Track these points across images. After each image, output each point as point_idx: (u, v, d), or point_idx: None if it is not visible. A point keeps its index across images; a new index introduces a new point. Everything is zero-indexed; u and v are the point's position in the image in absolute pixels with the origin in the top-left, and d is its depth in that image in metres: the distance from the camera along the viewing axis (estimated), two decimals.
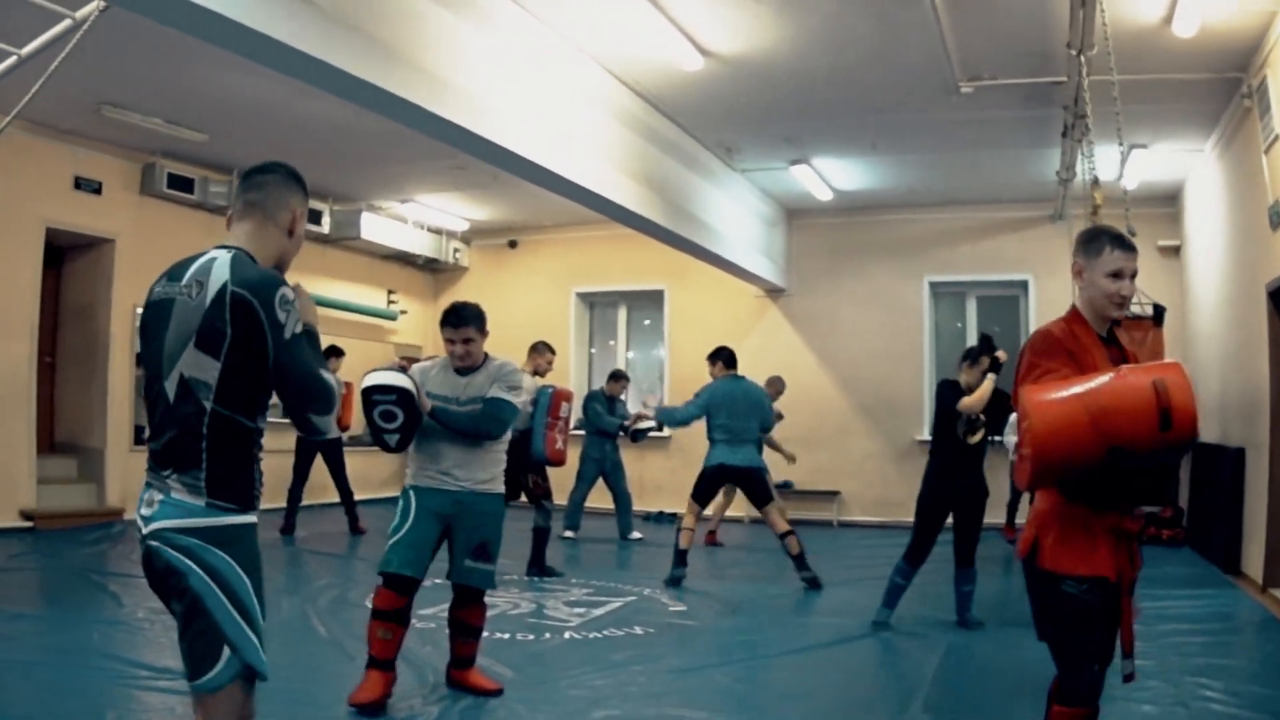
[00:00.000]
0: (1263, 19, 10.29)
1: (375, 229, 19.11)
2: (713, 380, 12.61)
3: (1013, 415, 7.00)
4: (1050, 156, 13.77)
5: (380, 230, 19.28)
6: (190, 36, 7.64)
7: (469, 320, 7.20)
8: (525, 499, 12.71)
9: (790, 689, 7.82)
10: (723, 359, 12.72)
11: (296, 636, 8.77)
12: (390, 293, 21.03)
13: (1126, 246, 4.69)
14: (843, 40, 11.11)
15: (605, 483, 16.11)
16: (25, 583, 11.25)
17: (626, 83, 12.45)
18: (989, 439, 9.61)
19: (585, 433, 16.21)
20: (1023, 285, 17.98)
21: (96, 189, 15.26)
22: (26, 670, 7.51)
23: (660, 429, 16.57)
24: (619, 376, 16.25)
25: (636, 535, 16.09)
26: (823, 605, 10.96)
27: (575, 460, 15.82)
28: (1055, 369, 4.42)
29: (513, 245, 21.90)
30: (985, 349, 9.61)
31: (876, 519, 18.01)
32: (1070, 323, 4.72)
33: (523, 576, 12.23)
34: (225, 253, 3.94)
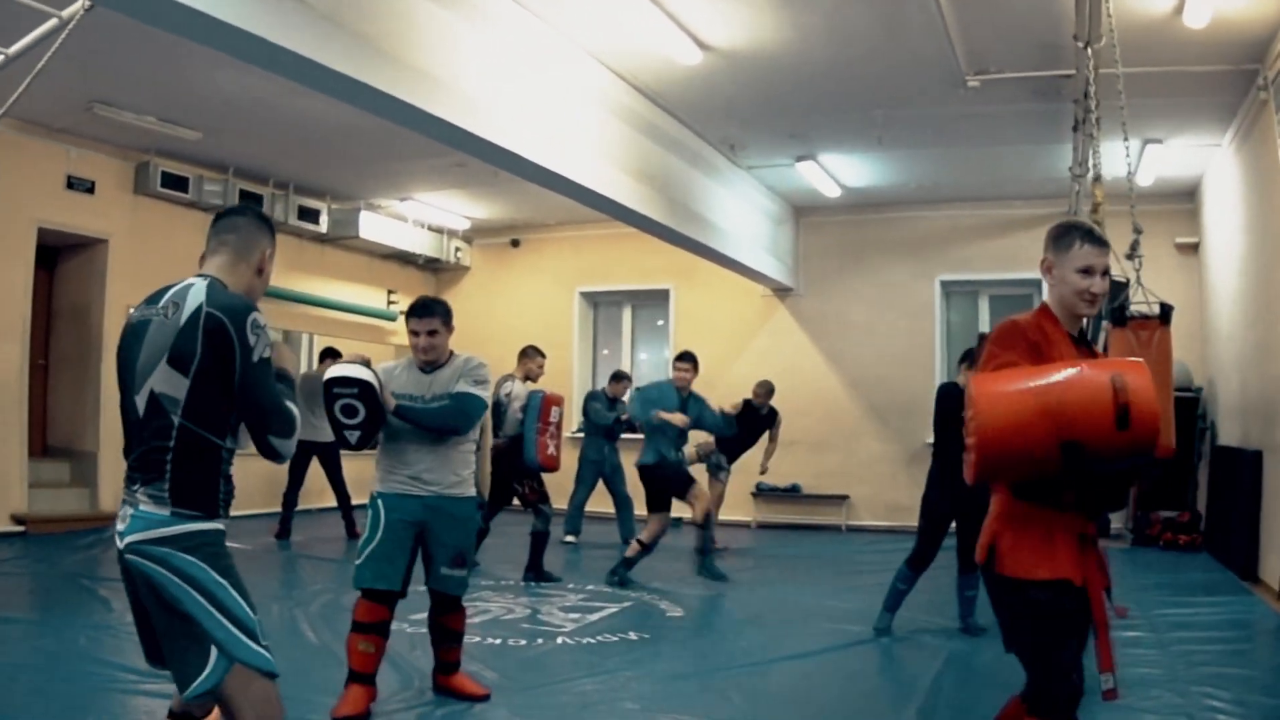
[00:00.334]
0: (1277, 8, 10.27)
1: (374, 228, 19.15)
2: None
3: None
4: (1063, 151, 13.70)
5: (379, 229, 19.32)
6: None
7: (435, 311, 7.11)
8: (520, 504, 12.78)
9: (784, 695, 7.83)
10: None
11: (287, 642, 8.80)
12: (390, 293, 21.01)
13: (1097, 241, 4.64)
14: (844, 33, 11.12)
15: (606, 486, 16.11)
16: (15, 587, 11.30)
17: (625, 78, 12.46)
18: None
19: (584, 435, 16.25)
20: (1037, 284, 17.56)
21: (89, 188, 15.31)
22: (13, 674, 7.56)
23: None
24: (621, 377, 16.24)
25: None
26: (827, 611, 10.94)
27: (574, 464, 15.88)
28: (1014, 361, 4.34)
29: (515, 244, 21.94)
30: None
31: (886, 523, 17.94)
32: (1039, 317, 4.64)
33: (519, 581, 12.25)
34: (202, 280, 4.18)
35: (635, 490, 16.66)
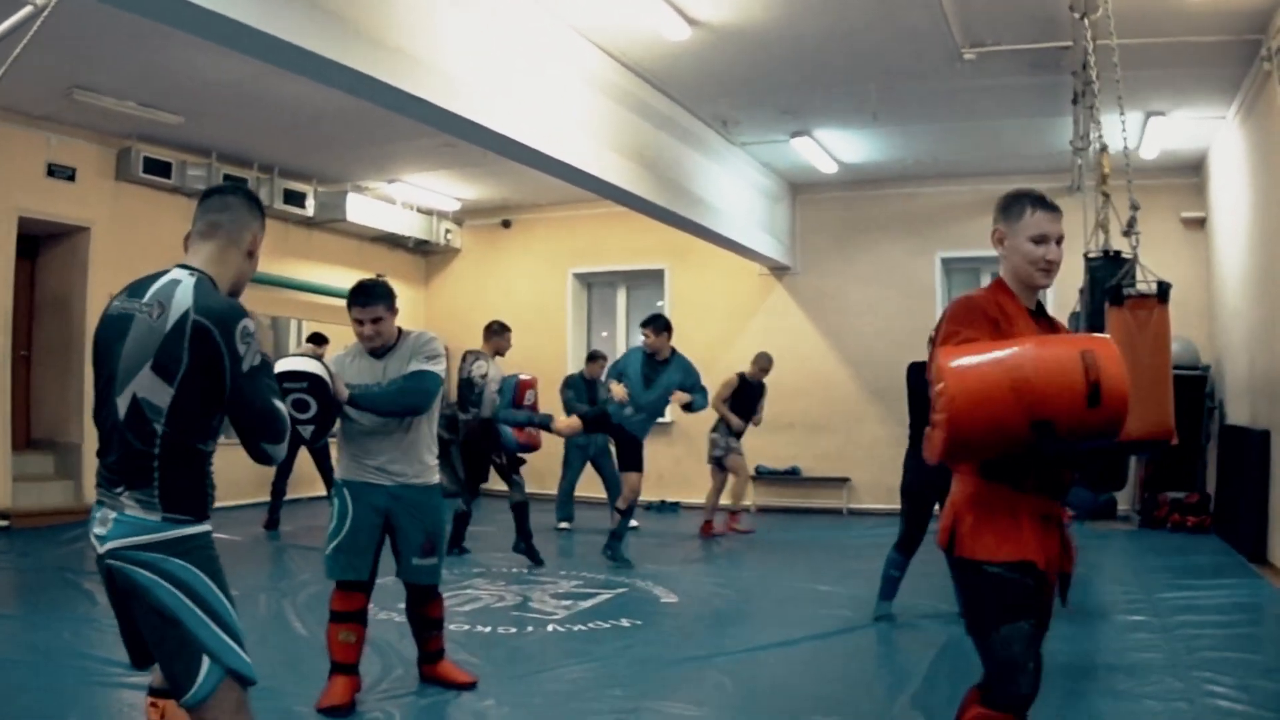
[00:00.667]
0: None
1: (362, 210, 19.15)
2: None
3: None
4: (1063, 125, 13.66)
5: (367, 212, 19.32)
6: None
7: (378, 298, 6.99)
8: (497, 474, 13.02)
9: (776, 682, 7.89)
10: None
11: (274, 633, 8.90)
12: (379, 276, 20.53)
13: (1049, 207, 4.59)
14: (836, 6, 11.10)
15: (594, 468, 16.21)
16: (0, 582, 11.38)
17: (613, 55, 12.47)
18: None
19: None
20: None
21: (70, 176, 15.29)
22: None
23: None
24: (596, 357, 16.26)
25: (632, 524, 16.02)
26: (824, 597, 11.00)
27: (560, 449, 15.94)
28: (975, 337, 4.25)
29: (506, 225, 21.93)
30: None
31: (888, 506, 17.65)
32: (995, 292, 4.59)
33: (510, 569, 12.25)
34: (189, 275, 4.13)
35: None
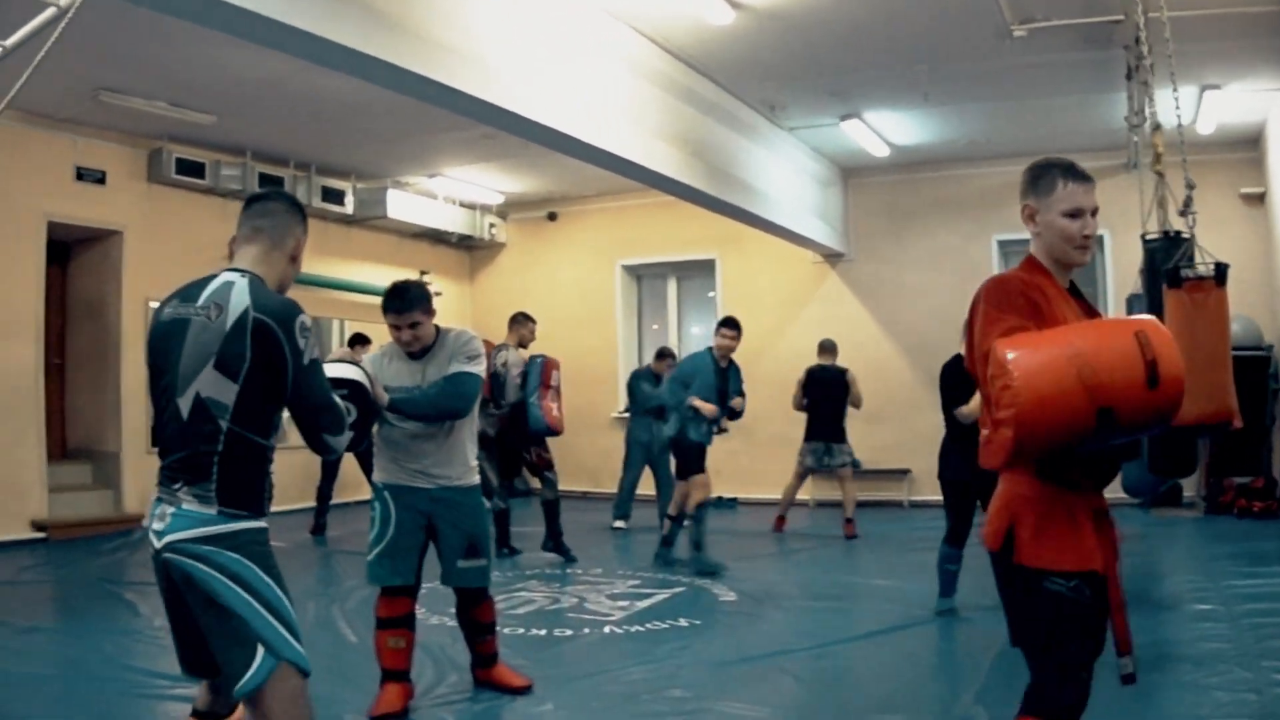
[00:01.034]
0: None
1: (402, 206, 19.22)
2: None
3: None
4: (1118, 101, 13.62)
5: (408, 207, 19.40)
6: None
7: (413, 303, 6.97)
8: (528, 471, 13.12)
9: (838, 680, 7.97)
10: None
11: (323, 640, 8.95)
12: (422, 273, 20.84)
13: (1081, 177, 4.34)
14: None
15: (649, 466, 16.17)
16: (37, 595, 11.44)
17: (656, 41, 12.50)
18: None
19: (631, 415, 16.38)
20: (1098, 241, 17.60)
21: (100, 179, 15.37)
22: (38, 684, 7.69)
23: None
24: (665, 354, 16.26)
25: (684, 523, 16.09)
26: (885, 592, 11.04)
27: (620, 446, 15.99)
28: (1021, 324, 4.08)
29: (552, 218, 21.99)
30: None
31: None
32: (1029, 272, 4.39)
33: (565, 570, 12.36)
34: (240, 277, 4.31)
35: None
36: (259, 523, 4.21)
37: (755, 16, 11.74)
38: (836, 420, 15.51)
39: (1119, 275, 17.07)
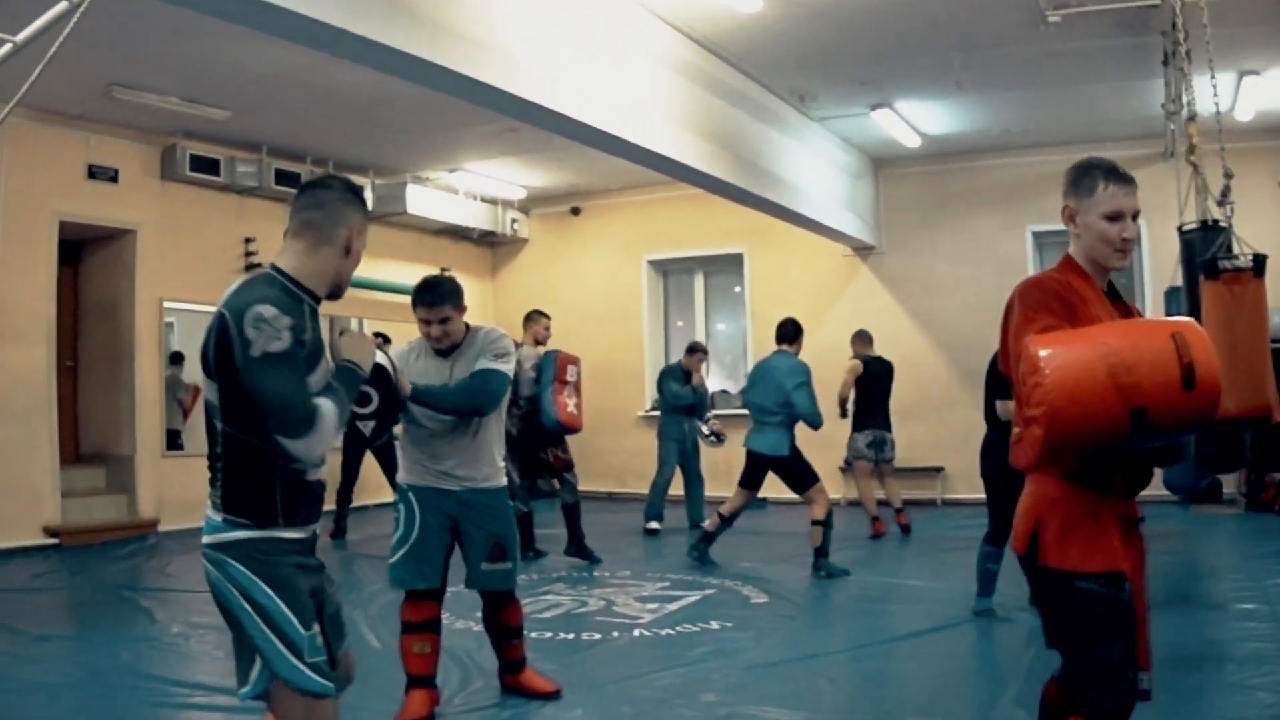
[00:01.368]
0: None
1: (423, 202, 19.27)
2: None
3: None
4: (1155, 88, 13.55)
5: (428, 203, 19.44)
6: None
7: (445, 297, 6.90)
8: (547, 473, 13.10)
9: (873, 683, 7.98)
10: (776, 333, 12.84)
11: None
12: (444, 270, 20.47)
13: (1123, 180, 4.36)
14: None
15: (680, 463, 16.19)
16: (51, 603, 11.48)
17: (682, 30, 12.52)
18: None
19: (662, 412, 16.34)
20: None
21: (113, 177, 15.44)
22: (53, 693, 7.73)
23: (723, 440, 16.69)
24: (696, 349, 16.30)
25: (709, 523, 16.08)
26: (919, 593, 11.06)
27: (647, 445, 16.00)
28: (1056, 324, 4.10)
29: (576, 212, 22.02)
30: None
31: (985, 497, 17.76)
32: (1065, 273, 4.41)
33: (593, 572, 12.41)
34: (263, 272, 4.28)
35: (721, 474, 16.93)
36: (265, 532, 4.14)
37: (784, 4, 11.78)
38: (888, 411, 15.64)
39: (1156, 266, 17.04)
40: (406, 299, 7.14)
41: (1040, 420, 3.88)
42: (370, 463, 15.57)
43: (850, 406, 15.36)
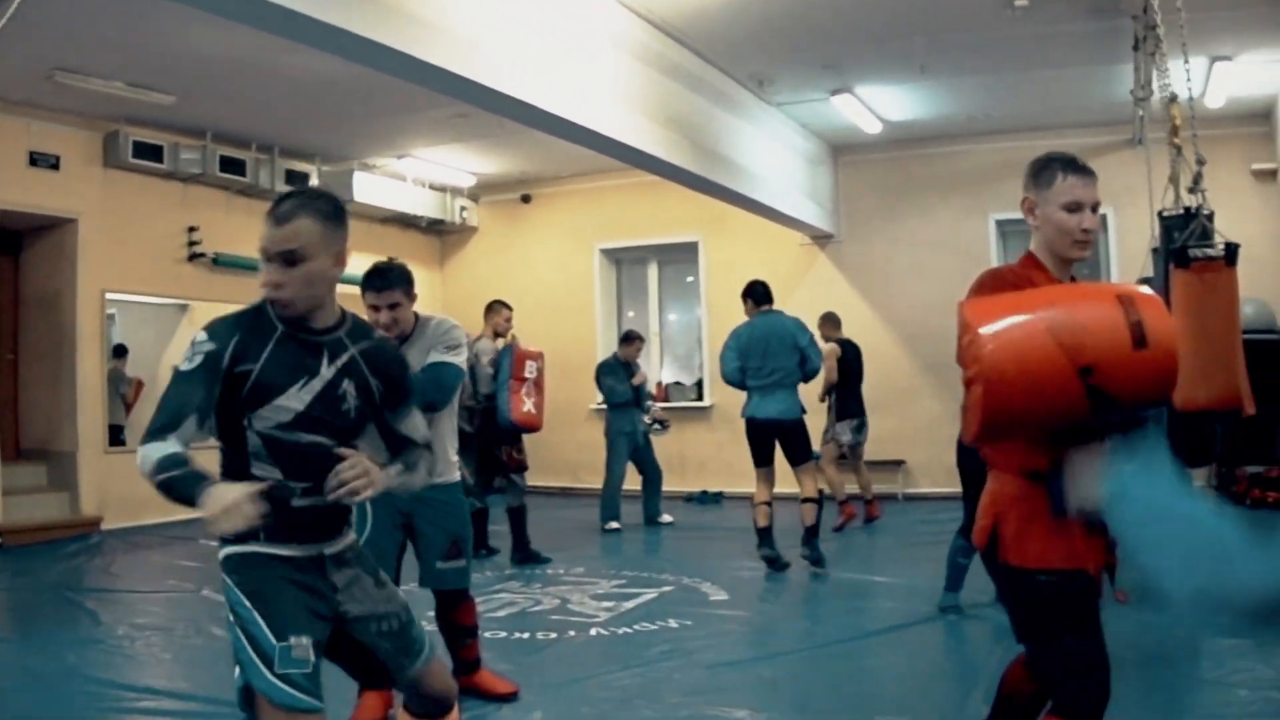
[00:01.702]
0: None
1: (370, 190, 19.19)
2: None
3: None
4: (1123, 73, 13.58)
5: (376, 191, 19.36)
6: None
7: (395, 282, 6.93)
8: (500, 472, 12.98)
9: (838, 681, 7.94)
10: (753, 296, 12.49)
11: None
12: (391, 260, 20.44)
13: (1083, 171, 4.46)
14: None
15: (633, 459, 16.09)
16: None
17: (638, 12, 12.45)
18: None
19: (609, 406, 16.27)
20: (1101, 219, 17.44)
21: (54, 164, 15.26)
22: None
23: (667, 427, 16.65)
24: (632, 338, 16.32)
25: (667, 519, 16.14)
26: (883, 588, 11.07)
27: (599, 439, 15.95)
28: None
29: (526, 200, 21.94)
30: None
31: (948, 490, 17.47)
32: (1026, 267, 4.50)
33: (544, 570, 12.37)
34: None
35: (675, 466, 16.90)
36: (245, 547, 4.21)
37: None
38: (862, 396, 15.78)
39: (1123, 254, 17.09)
40: (354, 289, 7.02)
41: (979, 379, 3.84)
42: None
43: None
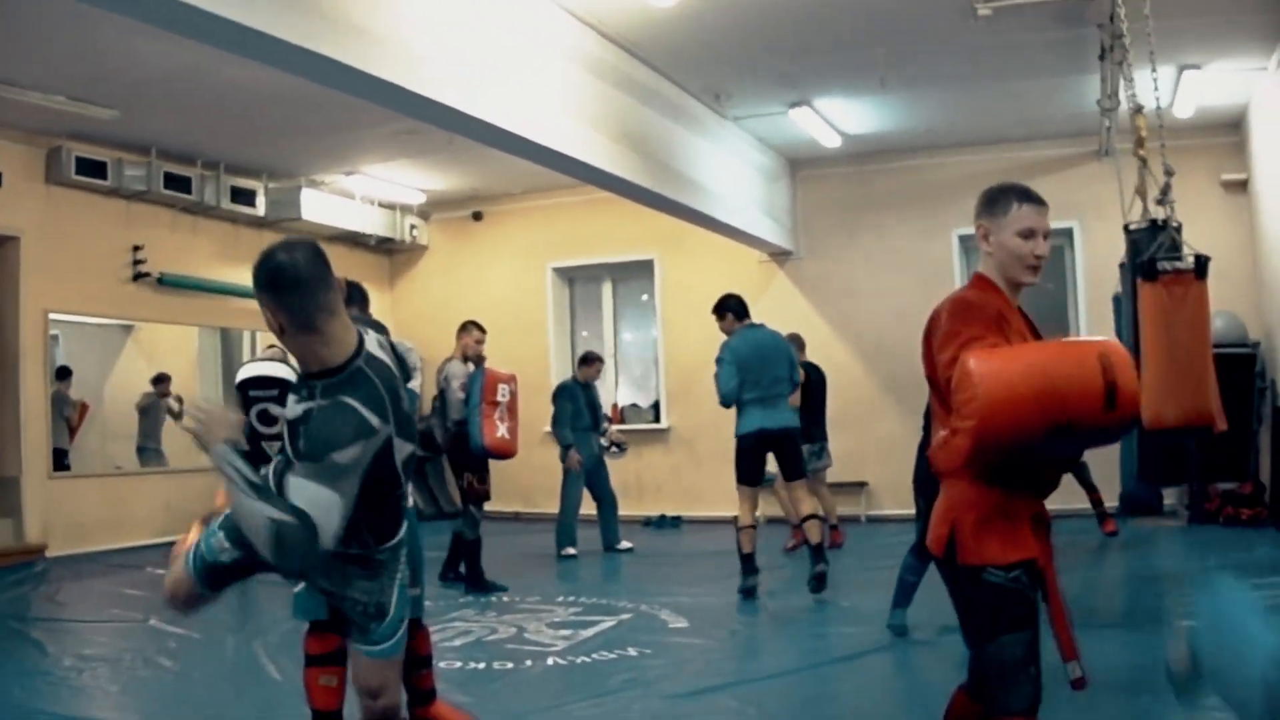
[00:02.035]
0: None
1: (317, 207, 19.12)
2: (729, 337, 12.19)
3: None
4: (1089, 83, 13.69)
5: (323, 209, 19.29)
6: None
7: (352, 299, 6.94)
8: (458, 498, 12.79)
9: (801, 709, 7.94)
10: (731, 309, 12.27)
11: (247, 680, 8.87)
12: (346, 280, 20.45)
13: (1036, 201, 4.75)
14: None
15: (587, 485, 15.98)
16: None
17: (591, 25, 12.44)
18: None
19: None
20: (1067, 234, 17.73)
21: None
22: None
23: (625, 450, 16.59)
24: (591, 359, 16.27)
25: (625, 545, 16.04)
26: (844, 613, 11.04)
27: (555, 464, 15.88)
28: (983, 336, 4.44)
29: (477, 218, 21.93)
30: None
31: (911, 511, 17.53)
32: (984, 290, 4.79)
33: (501, 598, 12.25)
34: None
35: (631, 491, 16.83)
36: None
37: None
38: (824, 421, 15.63)
39: (1089, 268, 17.17)
40: None
41: (969, 433, 4.22)
42: None
43: None
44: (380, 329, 4.86)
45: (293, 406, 4.54)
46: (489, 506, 13.03)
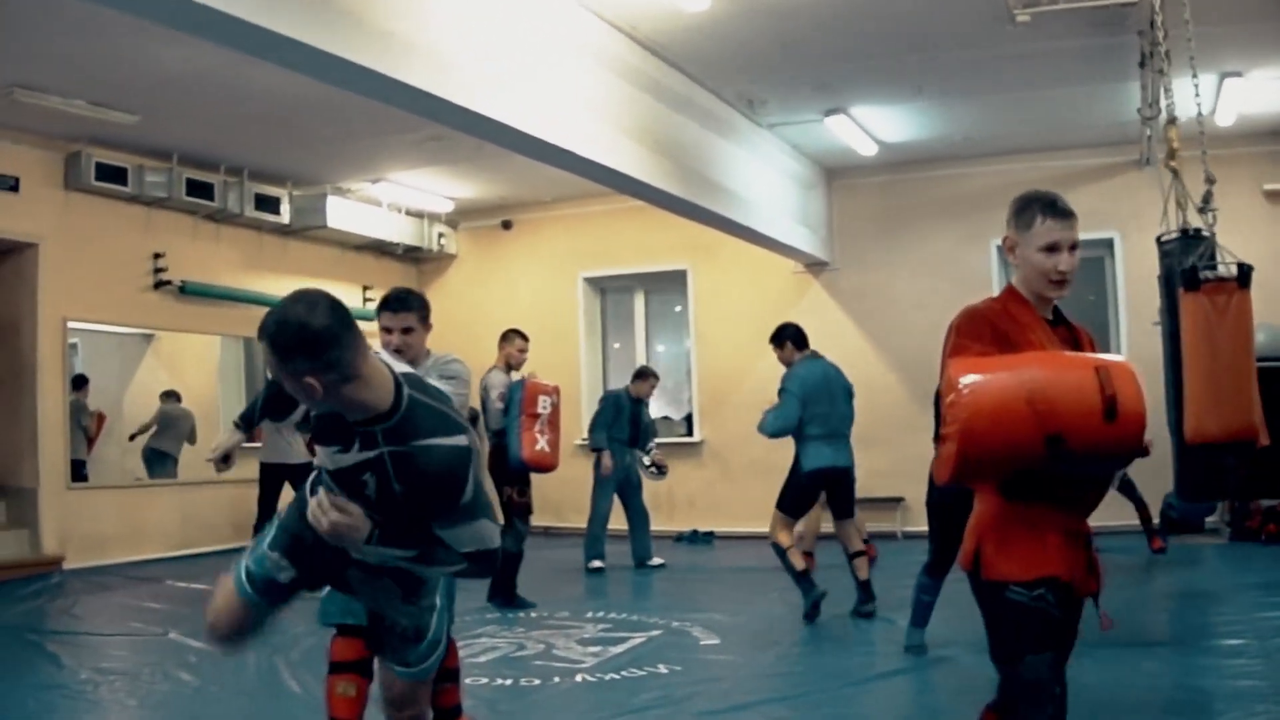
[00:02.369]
0: None
1: (343, 215, 19.14)
2: (791, 366, 12.15)
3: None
4: (1129, 91, 13.67)
5: (349, 216, 19.31)
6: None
7: (411, 305, 6.88)
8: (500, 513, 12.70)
9: None
10: (790, 338, 12.30)
11: (266, 694, 8.88)
12: (366, 289, 20.85)
13: (1061, 214, 4.77)
14: None
15: (620, 499, 15.99)
16: None
17: (624, 30, 12.47)
18: None
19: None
20: (1108, 244, 17.71)
21: (13, 186, 15.22)
22: None
23: (664, 473, 16.55)
24: (646, 374, 16.22)
25: (657, 561, 16.02)
26: (878, 631, 11.05)
27: (586, 476, 15.87)
28: (985, 352, 4.50)
29: (507, 226, 21.93)
30: None
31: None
32: (1005, 302, 4.85)
33: (530, 613, 12.31)
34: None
35: (663, 505, 16.83)
36: None
37: (733, 2, 11.73)
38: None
39: (1130, 279, 17.08)
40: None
41: (954, 437, 4.22)
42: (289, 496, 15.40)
43: None
44: None
45: (340, 456, 4.38)
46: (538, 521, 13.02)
